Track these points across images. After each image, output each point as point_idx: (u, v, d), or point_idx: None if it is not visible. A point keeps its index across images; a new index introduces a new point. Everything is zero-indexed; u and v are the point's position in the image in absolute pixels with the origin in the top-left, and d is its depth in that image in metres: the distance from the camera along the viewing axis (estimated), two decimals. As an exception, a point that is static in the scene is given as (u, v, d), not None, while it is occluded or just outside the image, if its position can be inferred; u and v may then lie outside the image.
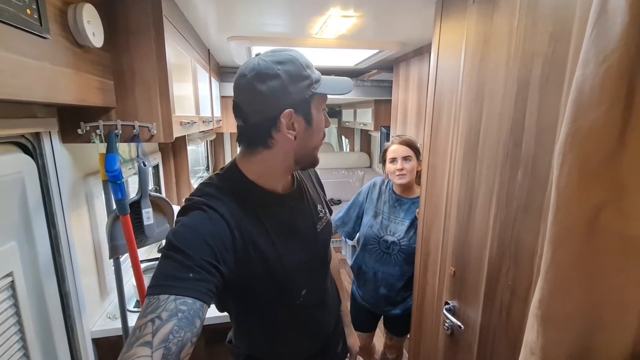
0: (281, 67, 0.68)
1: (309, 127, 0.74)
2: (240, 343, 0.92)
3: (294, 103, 0.70)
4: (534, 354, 0.57)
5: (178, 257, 0.61)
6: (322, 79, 0.74)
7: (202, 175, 3.38)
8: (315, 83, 0.72)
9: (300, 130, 0.73)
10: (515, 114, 0.83)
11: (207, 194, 0.72)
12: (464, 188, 1.06)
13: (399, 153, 1.55)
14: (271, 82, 0.68)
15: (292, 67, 0.70)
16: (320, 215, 0.91)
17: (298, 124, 0.72)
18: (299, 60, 0.71)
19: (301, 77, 0.70)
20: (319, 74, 0.74)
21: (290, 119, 0.70)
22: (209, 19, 1.54)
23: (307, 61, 0.73)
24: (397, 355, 1.86)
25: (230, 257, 0.68)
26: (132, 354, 0.50)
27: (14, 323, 0.91)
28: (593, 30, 0.46)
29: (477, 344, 1.01)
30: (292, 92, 0.69)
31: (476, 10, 0.97)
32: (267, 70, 0.68)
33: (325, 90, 0.74)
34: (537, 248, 0.77)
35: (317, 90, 0.72)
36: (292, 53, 0.72)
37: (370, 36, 1.81)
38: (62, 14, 0.82)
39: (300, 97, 0.71)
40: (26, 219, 0.96)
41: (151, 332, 0.52)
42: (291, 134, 0.72)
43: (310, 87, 0.72)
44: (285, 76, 0.68)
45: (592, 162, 0.48)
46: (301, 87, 0.70)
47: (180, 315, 0.55)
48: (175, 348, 0.53)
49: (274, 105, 0.69)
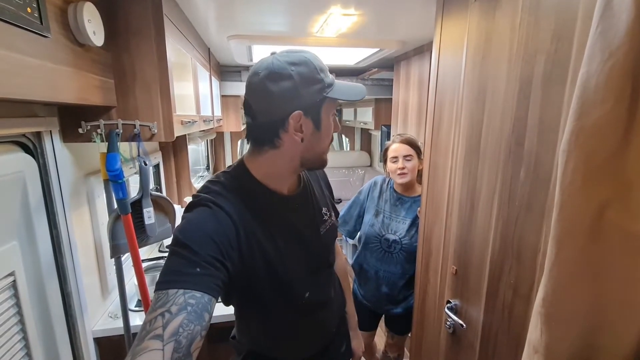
0: (295, 69, 0.68)
1: (317, 131, 0.74)
2: (242, 338, 0.92)
3: (304, 105, 0.70)
4: (538, 352, 0.57)
5: (185, 252, 0.62)
6: (335, 84, 0.74)
7: (203, 175, 3.38)
8: (328, 87, 0.72)
9: (308, 133, 0.73)
10: (517, 112, 0.82)
11: (214, 191, 0.73)
12: (465, 186, 1.05)
13: (400, 152, 1.55)
14: (283, 82, 0.68)
15: (305, 70, 0.69)
16: (325, 219, 0.90)
17: (306, 127, 0.72)
18: (313, 63, 0.70)
19: (314, 80, 0.70)
20: (332, 78, 0.74)
21: (299, 121, 0.70)
22: (209, 18, 1.53)
23: (322, 64, 0.72)
24: (398, 354, 1.86)
25: (235, 254, 0.68)
26: (144, 347, 0.51)
27: (16, 323, 0.91)
28: (598, 26, 0.46)
29: (479, 343, 1.01)
30: (303, 94, 0.69)
31: (478, 8, 0.97)
32: (280, 71, 0.68)
33: (338, 96, 0.73)
34: (539, 246, 0.77)
35: (329, 95, 0.72)
36: (307, 55, 0.71)
37: (371, 35, 1.81)
38: (62, 13, 0.82)
39: (311, 100, 0.71)
40: (27, 218, 0.96)
41: (162, 326, 0.53)
42: (298, 136, 0.72)
43: (322, 91, 0.71)
44: (297, 78, 0.68)
45: (596, 160, 0.47)
46: (313, 90, 0.70)
47: (190, 308, 0.56)
48: (185, 341, 0.53)
49: (283, 106, 0.69)
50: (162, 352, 0.51)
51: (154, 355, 0.50)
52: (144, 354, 0.50)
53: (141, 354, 0.50)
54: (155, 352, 0.51)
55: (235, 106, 2.82)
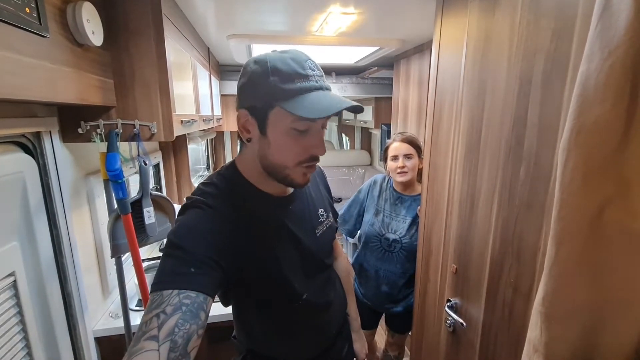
0: (252, 66, 0.67)
1: (263, 137, 0.69)
2: (242, 338, 0.92)
3: (248, 105, 0.69)
4: (537, 351, 0.57)
5: (179, 253, 0.61)
6: (301, 97, 0.64)
7: (203, 174, 3.38)
8: (283, 94, 0.63)
9: (255, 135, 0.70)
10: (517, 111, 0.82)
11: (207, 193, 0.72)
12: (465, 185, 1.05)
13: (400, 151, 1.54)
14: (242, 78, 0.70)
15: (258, 69, 0.65)
16: (321, 220, 0.89)
17: (252, 127, 0.70)
18: (269, 64, 0.64)
19: (262, 82, 0.65)
20: (302, 88, 0.64)
21: (245, 119, 0.70)
22: (208, 17, 1.53)
23: (286, 69, 0.64)
24: (398, 352, 1.87)
25: (229, 253, 0.67)
26: (139, 348, 0.51)
27: (17, 323, 0.91)
28: (597, 25, 0.46)
29: (480, 341, 1.01)
30: (249, 93, 0.68)
31: (477, 7, 0.97)
32: (245, 66, 0.70)
33: (290, 109, 0.62)
34: (539, 245, 0.77)
35: (279, 104, 0.64)
36: (271, 56, 0.66)
37: (370, 33, 1.81)
38: (61, 13, 0.82)
39: (255, 102, 0.67)
40: (27, 218, 0.96)
41: (157, 327, 0.53)
42: (244, 135, 0.72)
43: (271, 96, 0.64)
44: (250, 76, 0.68)
45: (596, 158, 0.47)
46: (259, 92, 0.66)
47: (184, 308, 0.56)
48: (181, 341, 0.53)
49: (239, 102, 0.71)
50: (157, 352, 0.51)
51: (149, 355, 0.50)
52: (140, 354, 0.50)
53: (137, 355, 0.50)
54: (151, 352, 0.51)
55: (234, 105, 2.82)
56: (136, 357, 0.50)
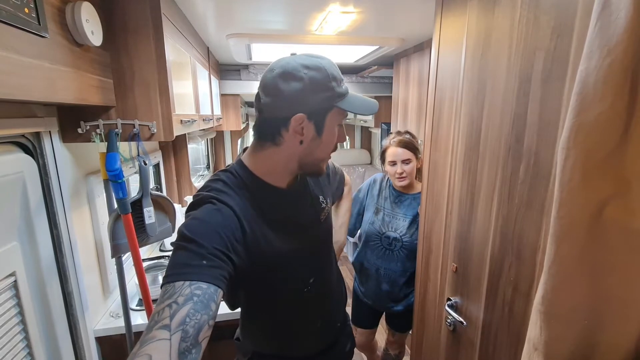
0: (307, 72, 0.69)
1: (318, 137, 0.75)
2: (247, 340, 0.93)
3: (309, 109, 0.71)
4: (537, 349, 0.57)
5: (191, 246, 0.63)
6: (348, 96, 0.75)
7: (203, 174, 3.38)
8: (338, 97, 0.73)
9: (309, 137, 0.74)
10: (517, 109, 0.82)
11: (215, 189, 0.74)
12: (465, 184, 1.05)
13: (398, 156, 1.54)
14: (293, 83, 0.69)
15: (317, 75, 0.70)
16: (323, 206, 0.94)
17: (307, 131, 0.73)
18: (327, 71, 0.71)
19: (324, 87, 0.71)
20: (346, 88, 0.75)
21: (301, 123, 0.72)
22: (207, 17, 1.53)
23: (336, 74, 0.73)
24: (399, 351, 1.87)
25: (241, 247, 0.70)
26: (151, 337, 0.52)
27: (18, 322, 0.91)
28: (597, 23, 0.46)
29: (480, 340, 1.01)
30: (310, 98, 0.70)
31: (477, 5, 0.96)
32: (293, 71, 0.69)
33: (347, 107, 0.74)
34: (539, 244, 0.77)
35: (339, 105, 0.73)
36: (324, 62, 0.72)
37: (370, 32, 1.80)
38: (60, 13, 0.82)
39: (318, 106, 0.72)
40: (28, 218, 0.96)
41: (169, 316, 0.54)
42: (297, 138, 0.73)
43: (331, 99, 0.72)
44: (308, 81, 0.69)
45: (596, 157, 0.47)
46: (321, 97, 0.71)
47: (196, 299, 0.57)
48: (192, 331, 0.54)
49: (289, 106, 0.71)
50: (169, 341, 0.52)
51: (161, 344, 0.51)
52: (152, 343, 0.51)
53: (149, 343, 0.51)
54: (163, 341, 0.51)
55: (234, 105, 2.82)
56: (148, 346, 0.51)
